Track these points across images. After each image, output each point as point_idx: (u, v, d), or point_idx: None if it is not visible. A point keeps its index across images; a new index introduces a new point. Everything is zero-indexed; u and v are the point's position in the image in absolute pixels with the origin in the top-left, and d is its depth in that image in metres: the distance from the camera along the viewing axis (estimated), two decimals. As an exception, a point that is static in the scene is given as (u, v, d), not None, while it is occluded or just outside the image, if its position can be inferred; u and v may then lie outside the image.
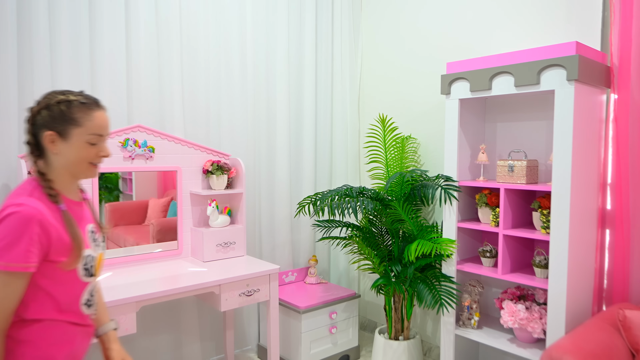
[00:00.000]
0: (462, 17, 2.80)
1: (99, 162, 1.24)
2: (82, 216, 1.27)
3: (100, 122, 1.20)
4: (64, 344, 1.19)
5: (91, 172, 1.23)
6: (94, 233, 1.30)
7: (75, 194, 1.26)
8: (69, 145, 1.18)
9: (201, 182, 2.65)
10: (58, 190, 1.20)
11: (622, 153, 2.09)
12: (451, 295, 2.40)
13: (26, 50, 2.15)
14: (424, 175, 2.72)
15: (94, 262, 1.26)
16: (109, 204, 2.35)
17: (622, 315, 1.88)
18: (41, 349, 1.15)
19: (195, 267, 2.41)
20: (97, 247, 1.30)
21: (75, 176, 1.23)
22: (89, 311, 1.27)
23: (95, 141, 1.20)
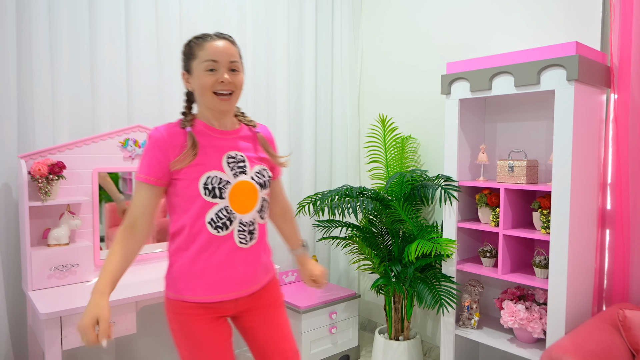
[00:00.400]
0: (462, 17, 2.80)
1: (221, 89, 1.30)
2: (222, 143, 1.35)
3: (211, 50, 1.29)
4: (198, 261, 1.32)
5: (216, 102, 1.31)
6: (235, 159, 1.36)
7: (221, 124, 1.37)
8: (194, 77, 1.31)
9: (201, 182, 2.65)
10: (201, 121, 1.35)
11: (622, 153, 2.09)
12: (451, 295, 2.40)
13: (26, 50, 2.15)
14: (424, 175, 2.72)
15: (221, 184, 1.31)
16: (109, 204, 2.35)
17: (622, 315, 1.88)
18: (182, 265, 1.33)
19: (195, 267, 2.41)
20: (236, 175, 1.35)
21: (209, 107, 1.33)
22: (223, 233, 1.33)
23: (210, 67, 1.28)
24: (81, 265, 2.13)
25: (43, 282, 2.03)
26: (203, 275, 1.33)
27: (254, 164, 1.40)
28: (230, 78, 1.31)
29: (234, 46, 1.34)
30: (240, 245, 1.35)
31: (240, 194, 1.34)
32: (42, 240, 2.14)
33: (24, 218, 2.01)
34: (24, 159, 2.07)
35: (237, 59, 1.33)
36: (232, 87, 1.31)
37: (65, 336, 1.79)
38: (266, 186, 1.41)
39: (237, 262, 1.35)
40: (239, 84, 1.33)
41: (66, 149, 2.19)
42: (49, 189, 2.05)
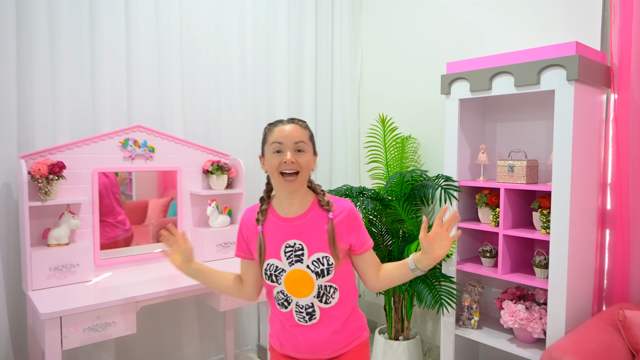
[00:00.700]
0: (462, 17, 2.80)
1: (286, 169, 1.37)
2: (285, 231, 1.43)
3: (278, 133, 1.40)
4: (275, 320, 1.52)
5: (283, 183, 1.39)
6: (293, 248, 1.42)
7: (288, 210, 1.45)
8: (266, 160, 1.43)
9: (201, 182, 2.65)
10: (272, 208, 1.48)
11: (622, 153, 2.09)
12: (451, 295, 2.40)
13: (26, 50, 2.15)
14: (424, 175, 2.72)
15: (277, 271, 1.43)
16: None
17: (622, 315, 1.88)
18: (271, 317, 1.56)
19: (195, 267, 2.41)
20: (291, 263, 1.42)
21: (279, 189, 1.43)
22: (285, 310, 1.46)
23: (276, 149, 1.39)
24: (81, 265, 2.13)
25: (43, 282, 2.03)
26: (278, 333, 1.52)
27: (315, 251, 1.41)
28: (294, 158, 1.37)
29: (302, 129, 1.42)
30: (299, 323, 1.46)
31: (295, 281, 1.43)
32: (42, 240, 2.14)
33: (24, 218, 2.01)
34: (24, 159, 2.07)
35: (303, 139, 1.40)
36: (297, 167, 1.38)
37: (65, 336, 1.79)
38: (325, 274, 1.41)
39: (299, 335, 1.46)
40: (304, 164, 1.39)
41: (66, 149, 2.19)
42: (49, 189, 2.05)
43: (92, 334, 1.85)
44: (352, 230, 1.45)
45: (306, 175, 1.41)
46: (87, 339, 1.84)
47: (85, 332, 1.83)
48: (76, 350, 2.33)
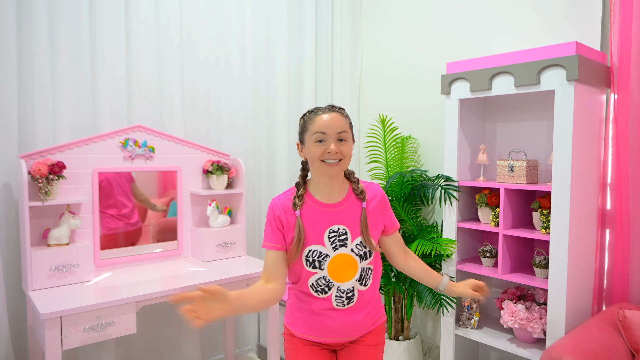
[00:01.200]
0: (462, 17, 2.80)
1: (328, 158, 1.39)
2: (327, 217, 1.45)
3: (320, 123, 1.41)
4: (302, 307, 1.51)
5: (325, 169, 1.41)
6: (337, 233, 1.44)
7: (329, 196, 1.47)
8: (306, 148, 1.43)
9: (201, 182, 2.65)
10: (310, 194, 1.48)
11: (622, 153, 2.09)
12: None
13: (26, 50, 2.15)
14: (424, 175, 2.72)
15: (320, 257, 1.43)
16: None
17: (622, 315, 1.88)
18: (292, 304, 1.55)
19: (195, 267, 2.41)
20: (335, 248, 1.44)
21: (320, 175, 1.44)
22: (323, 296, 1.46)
23: (319, 138, 1.39)
24: (81, 265, 2.13)
25: (43, 282, 2.03)
26: (305, 320, 1.51)
27: (357, 235, 1.46)
28: (337, 148, 1.40)
29: (343, 118, 1.44)
30: (337, 307, 1.47)
31: (339, 265, 1.45)
32: (42, 240, 2.14)
33: (24, 218, 2.01)
34: (24, 159, 2.07)
35: (345, 129, 1.42)
36: (340, 155, 1.40)
37: (65, 336, 1.79)
38: (367, 257, 1.47)
39: (333, 318, 1.48)
40: (346, 153, 1.42)
41: (66, 149, 2.19)
42: (49, 189, 2.05)
43: (92, 334, 1.85)
44: (385, 213, 1.53)
45: (347, 163, 1.45)
46: (87, 339, 1.84)
47: (85, 332, 1.83)
48: (76, 350, 2.33)
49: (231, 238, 2.62)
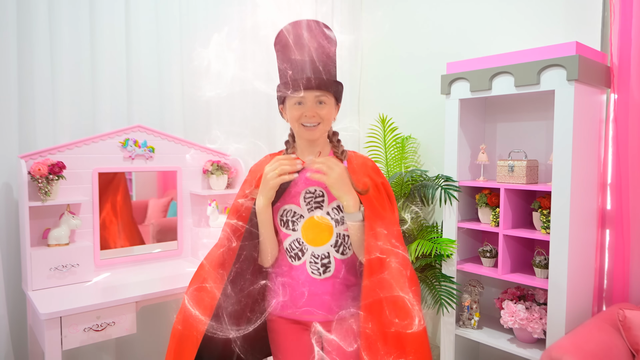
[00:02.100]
0: (462, 17, 2.80)
1: (306, 122, 1.37)
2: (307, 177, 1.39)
3: None
4: (278, 282, 1.46)
5: (304, 132, 1.39)
6: (313, 195, 1.42)
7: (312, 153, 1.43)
8: (286, 110, 1.41)
9: (201, 182, 2.65)
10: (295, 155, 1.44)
11: (622, 153, 2.09)
12: (451, 295, 2.40)
13: (27, 50, 2.15)
14: (424, 175, 2.72)
15: (294, 217, 1.42)
16: (109, 204, 2.35)
17: (622, 315, 1.88)
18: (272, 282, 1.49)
19: (195, 267, 2.40)
20: (310, 209, 1.42)
21: (300, 138, 1.43)
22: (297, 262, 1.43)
23: (297, 101, 1.37)
24: (81, 265, 2.13)
25: (43, 282, 2.03)
26: (282, 294, 1.46)
27: (333, 199, 1.41)
28: (315, 111, 1.37)
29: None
30: (313, 276, 1.42)
31: (313, 227, 1.41)
32: (42, 240, 2.14)
33: (24, 218, 2.01)
34: (24, 159, 2.07)
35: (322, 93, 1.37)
36: (318, 119, 1.38)
37: (65, 336, 1.79)
38: (344, 222, 1.41)
39: (311, 290, 1.42)
40: (325, 116, 1.38)
41: (66, 149, 2.19)
42: (49, 189, 2.05)
43: (92, 334, 1.85)
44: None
45: (327, 126, 1.42)
46: (87, 339, 1.84)
47: (85, 332, 1.83)
48: (76, 350, 2.33)
49: (231, 238, 2.61)
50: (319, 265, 1.42)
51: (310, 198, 1.43)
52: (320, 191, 1.42)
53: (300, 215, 1.42)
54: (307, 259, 1.42)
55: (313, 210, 1.42)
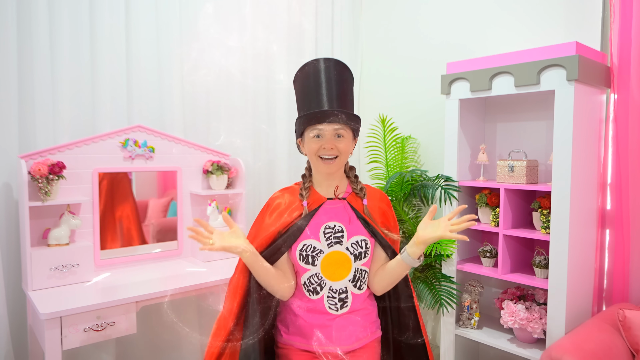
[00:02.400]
0: (462, 17, 2.80)
1: (324, 154, 1.40)
2: (325, 213, 1.45)
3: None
4: (296, 313, 1.47)
5: (322, 165, 1.42)
6: (332, 230, 1.44)
7: (329, 186, 1.48)
8: (305, 143, 1.44)
9: (201, 182, 2.65)
10: (313, 188, 1.49)
11: (622, 153, 2.09)
12: (451, 295, 2.40)
13: (27, 50, 2.15)
14: (424, 175, 2.72)
15: (314, 252, 1.43)
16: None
17: (622, 315, 1.88)
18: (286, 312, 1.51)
19: (195, 267, 2.41)
20: (330, 245, 1.44)
21: (318, 171, 1.46)
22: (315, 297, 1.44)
23: (315, 134, 1.40)
24: (81, 265, 2.13)
25: (43, 282, 2.03)
26: (298, 327, 1.47)
27: (353, 234, 1.44)
28: (333, 144, 1.39)
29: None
30: (330, 312, 1.44)
31: (332, 263, 1.43)
32: (42, 240, 2.14)
33: (24, 218, 2.01)
34: (24, 159, 2.07)
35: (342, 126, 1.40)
36: (336, 152, 1.41)
37: (65, 336, 1.79)
38: (362, 257, 1.46)
39: (327, 325, 1.44)
40: (343, 149, 1.41)
41: (66, 149, 2.19)
42: (49, 189, 2.05)
43: (92, 334, 1.85)
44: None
45: (344, 159, 1.45)
46: (87, 339, 1.84)
47: (85, 332, 1.83)
48: (76, 350, 2.33)
49: (231, 238, 2.61)
50: (336, 300, 1.44)
51: (330, 233, 1.44)
52: (339, 226, 1.44)
53: (320, 250, 1.43)
54: (325, 294, 1.44)
55: (333, 246, 1.44)
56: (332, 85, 1.41)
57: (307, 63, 1.44)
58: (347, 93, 1.45)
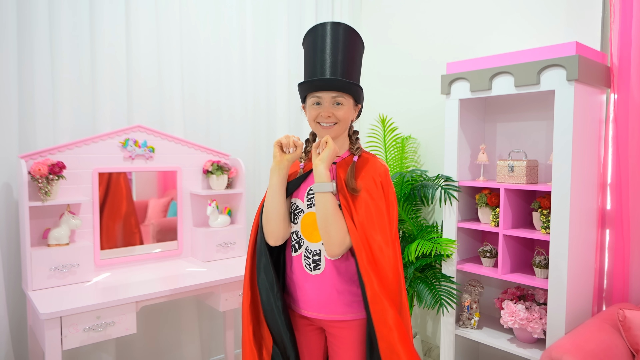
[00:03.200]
0: (462, 17, 2.80)
1: (322, 121, 1.44)
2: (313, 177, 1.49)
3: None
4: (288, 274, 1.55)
5: (320, 130, 1.46)
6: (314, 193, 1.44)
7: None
8: (306, 109, 1.49)
9: (201, 182, 2.65)
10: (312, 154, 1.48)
11: (622, 153, 2.09)
12: (451, 295, 2.40)
13: (27, 50, 2.15)
14: (424, 175, 2.72)
15: (296, 211, 1.50)
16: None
17: (622, 315, 1.88)
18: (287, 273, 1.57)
19: (195, 267, 2.41)
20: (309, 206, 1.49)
21: (317, 135, 1.49)
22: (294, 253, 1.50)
23: (315, 101, 1.44)
24: (81, 265, 2.13)
25: (43, 282, 2.03)
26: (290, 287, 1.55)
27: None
28: (330, 112, 1.43)
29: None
30: (306, 269, 1.49)
31: (309, 224, 1.48)
32: (42, 240, 2.14)
33: (24, 218, 2.01)
34: (24, 159, 2.07)
35: (339, 94, 1.42)
36: (334, 119, 1.44)
37: (65, 336, 1.79)
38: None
39: (305, 286, 1.49)
40: (341, 117, 1.44)
41: (66, 149, 2.19)
42: (49, 189, 2.05)
43: (92, 334, 1.85)
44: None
45: (344, 126, 1.46)
46: (87, 339, 1.84)
47: (85, 332, 1.83)
48: (76, 350, 2.33)
49: (231, 238, 2.62)
50: (310, 260, 1.48)
51: (312, 195, 1.48)
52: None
53: (301, 209, 1.50)
54: (302, 252, 1.49)
55: (311, 207, 1.47)
56: (337, 51, 1.41)
57: (315, 26, 1.45)
58: (353, 60, 1.45)
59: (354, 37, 1.45)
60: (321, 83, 1.40)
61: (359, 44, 1.48)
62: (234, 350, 2.89)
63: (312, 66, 1.43)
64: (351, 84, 1.41)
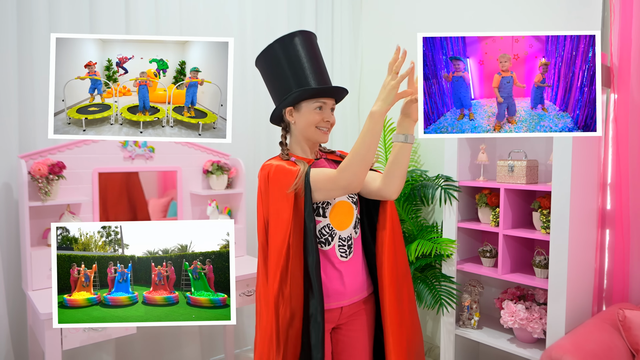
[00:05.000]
0: (461, 17, 2.80)
1: (323, 126, 1.49)
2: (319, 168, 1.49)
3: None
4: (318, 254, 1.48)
5: (319, 135, 1.49)
6: None
7: (305, 156, 1.53)
8: (301, 114, 1.48)
9: (201, 182, 2.65)
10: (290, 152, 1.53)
11: (622, 153, 2.09)
12: (451, 295, 2.40)
13: (27, 50, 2.15)
14: (424, 175, 2.72)
15: (324, 204, 1.47)
16: (109, 204, 2.35)
17: (622, 315, 1.88)
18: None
19: (195, 267, 2.41)
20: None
21: (310, 139, 1.51)
22: (327, 247, 1.48)
23: (318, 106, 1.48)
24: (81, 265, 2.13)
25: (43, 282, 2.03)
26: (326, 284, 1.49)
27: None
28: (331, 118, 1.51)
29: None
30: (341, 259, 1.50)
31: (339, 212, 1.50)
32: (42, 240, 2.14)
33: (24, 218, 2.01)
34: (24, 159, 2.08)
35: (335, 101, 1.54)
36: (332, 123, 1.52)
37: (65, 336, 1.79)
38: (357, 203, 1.56)
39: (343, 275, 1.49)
40: (334, 121, 1.53)
41: (66, 149, 2.19)
42: (49, 189, 2.05)
43: (92, 334, 1.85)
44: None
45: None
46: (87, 339, 1.84)
47: (85, 332, 1.83)
48: (76, 350, 2.33)
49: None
50: (345, 247, 1.50)
51: None
52: None
53: (328, 202, 1.49)
54: (336, 243, 1.49)
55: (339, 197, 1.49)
56: (322, 60, 1.56)
57: (290, 34, 1.50)
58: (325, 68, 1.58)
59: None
60: (332, 90, 1.48)
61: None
62: (234, 350, 2.89)
63: (312, 72, 1.48)
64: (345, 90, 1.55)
